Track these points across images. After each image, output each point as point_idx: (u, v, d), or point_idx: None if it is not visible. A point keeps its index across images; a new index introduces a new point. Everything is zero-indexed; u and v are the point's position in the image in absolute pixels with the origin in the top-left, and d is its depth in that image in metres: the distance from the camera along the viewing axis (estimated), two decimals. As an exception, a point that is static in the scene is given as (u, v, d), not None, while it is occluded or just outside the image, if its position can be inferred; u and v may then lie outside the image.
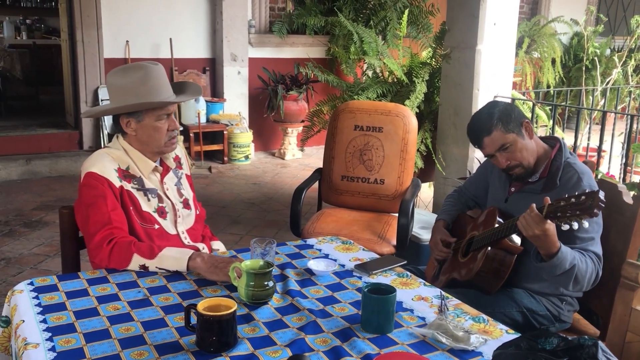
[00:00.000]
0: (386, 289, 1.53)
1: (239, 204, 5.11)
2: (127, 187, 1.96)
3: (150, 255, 1.81)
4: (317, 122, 4.67)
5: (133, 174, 2.00)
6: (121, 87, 1.97)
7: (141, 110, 1.96)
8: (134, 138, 2.01)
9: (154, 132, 1.98)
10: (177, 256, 1.81)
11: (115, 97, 2.00)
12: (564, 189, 1.96)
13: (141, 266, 1.81)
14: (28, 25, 9.59)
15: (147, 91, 1.95)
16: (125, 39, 6.16)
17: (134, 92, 1.94)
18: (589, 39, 6.81)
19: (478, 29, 3.70)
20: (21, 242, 4.14)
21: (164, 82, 2.01)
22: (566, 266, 1.86)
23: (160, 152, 2.05)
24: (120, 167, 1.97)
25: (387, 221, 3.12)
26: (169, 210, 2.05)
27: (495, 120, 2.04)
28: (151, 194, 2.01)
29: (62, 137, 6.25)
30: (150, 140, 2.00)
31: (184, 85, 2.18)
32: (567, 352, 1.10)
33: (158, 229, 2.00)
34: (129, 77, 1.97)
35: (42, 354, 1.35)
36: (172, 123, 2.02)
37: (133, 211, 1.96)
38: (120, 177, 1.95)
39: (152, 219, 1.99)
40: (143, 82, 1.95)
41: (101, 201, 1.88)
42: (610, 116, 4.76)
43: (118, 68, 2.04)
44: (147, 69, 1.98)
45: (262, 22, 6.98)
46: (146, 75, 1.97)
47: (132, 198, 1.96)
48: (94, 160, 1.97)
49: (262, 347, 1.40)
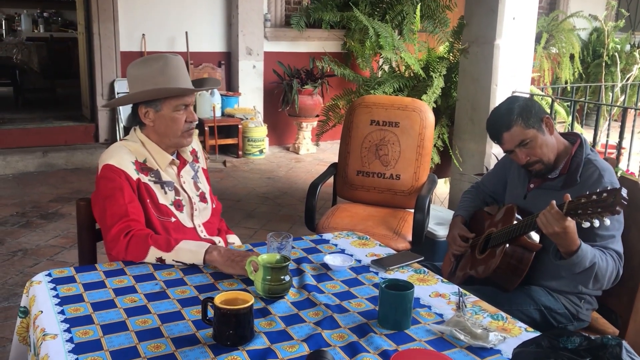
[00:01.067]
0: (404, 285, 1.52)
1: (254, 198, 5.12)
2: (144, 180, 1.96)
3: (167, 248, 1.81)
4: (333, 117, 4.65)
5: (150, 166, 2.00)
6: (140, 76, 1.97)
7: (159, 99, 1.96)
8: (151, 129, 2.00)
9: (171, 122, 1.98)
10: (193, 249, 1.81)
11: (134, 87, 2.00)
12: (584, 186, 1.93)
13: (158, 259, 1.81)
14: (45, 18, 9.67)
15: (166, 80, 1.95)
16: (142, 32, 6.18)
17: (152, 81, 1.95)
18: (609, 34, 6.72)
19: (497, 24, 3.66)
20: (37, 233, 4.18)
21: (182, 72, 2.00)
22: (586, 264, 1.83)
23: (177, 145, 2.04)
24: (137, 160, 1.97)
25: (403, 217, 3.10)
26: (185, 204, 2.05)
27: (515, 116, 2.01)
28: (168, 187, 2.01)
29: (78, 129, 6.29)
30: (167, 131, 1.99)
31: (203, 81, 2.19)
32: (589, 351, 1.08)
33: (175, 222, 2.00)
34: (149, 67, 1.97)
35: (60, 344, 1.35)
36: (190, 115, 2.01)
37: (150, 204, 1.96)
38: (138, 170, 1.95)
39: (168, 211, 1.99)
40: (162, 71, 1.96)
41: (118, 193, 1.88)
42: (631, 113, 4.69)
43: (139, 59, 2.04)
44: (167, 59, 1.99)
45: (278, 16, 6.96)
46: (166, 65, 1.97)
47: (149, 191, 1.96)
48: (111, 152, 1.97)
49: (279, 342, 1.40)
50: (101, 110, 6.18)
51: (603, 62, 6.28)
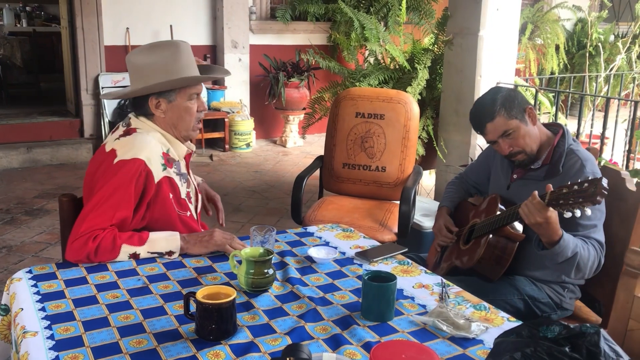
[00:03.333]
0: (387, 277, 1.52)
1: (241, 192, 5.10)
2: (169, 174, 1.86)
3: (139, 242, 1.77)
4: (319, 110, 4.64)
5: (173, 157, 1.90)
6: (149, 65, 1.84)
7: (174, 89, 1.85)
8: (161, 120, 1.89)
9: (185, 113, 1.88)
10: (166, 237, 1.80)
11: (142, 77, 1.85)
12: (566, 176, 1.94)
13: (131, 255, 1.76)
14: (28, 13, 9.56)
15: (181, 68, 1.84)
16: (126, 26, 6.12)
17: (165, 69, 1.83)
18: (593, 24, 6.75)
19: (481, 15, 3.66)
20: (22, 230, 4.14)
21: (193, 59, 1.91)
22: (568, 254, 1.84)
23: (187, 137, 1.95)
24: (164, 151, 1.86)
25: (389, 209, 3.10)
26: (192, 195, 2.02)
27: (498, 106, 2.01)
28: (183, 179, 1.95)
29: (63, 125, 6.23)
30: (179, 122, 1.89)
31: (208, 67, 2.11)
32: (569, 340, 1.09)
33: (190, 215, 1.96)
34: (158, 55, 1.85)
35: (41, 342, 1.34)
36: (201, 104, 1.92)
37: (173, 199, 1.87)
38: (165, 163, 1.85)
39: (186, 205, 1.95)
40: (175, 59, 1.84)
41: (118, 193, 1.74)
42: (614, 103, 4.72)
43: (141, 47, 1.90)
44: (178, 45, 1.87)
45: (263, 8, 6.93)
46: (178, 52, 1.85)
47: (173, 185, 1.88)
48: (140, 144, 1.80)
49: (262, 335, 1.40)
50: (86, 105, 6.12)
51: (587, 53, 6.31)
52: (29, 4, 9.68)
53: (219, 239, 1.84)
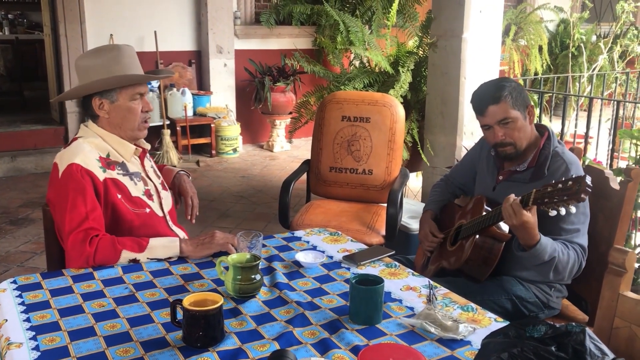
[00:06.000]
0: (374, 280, 1.52)
1: (228, 197, 5.09)
2: (112, 176, 1.90)
3: (139, 249, 1.80)
4: (305, 114, 4.64)
5: (115, 160, 1.94)
6: (93, 67, 1.91)
7: (114, 89, 1.91)
8: (106, 122, 1.95)
9: (128, 113, 1.93)
10: (166, 244, 1.83)
11: (87, 78, 1.93)
12: (551, 179, 1.94)
13: (131, 260, 1.80)
14: (10, 20, 9.47)
15: (121, 69, 1.91)
16: (110, 32, 6.08)
17: (107, 70, 1.89)
18: (575, 25, 6.82)
19: (464, 17, 3.68)
20: (7, 239, 4.09)
21: (136, 61, 1.97)
22: (545, 258, 1.87)
23: (133, 138, 1.99)
24: (101, 156, 1.91)
25: (376, 211, 3.11)
26: (153, 193, 2.03)
27: (506, 92, 2.02)
28: (136, 178, 1.98)
29: (47, 133, 6.17)
30: (123, 122, 1.94)
31: (157, 71, 2.17)
32: (554, 339, 1.10)
33: (149, 212, 1.98)
34: (102, 57, 1.92)
35: (26, 353, 1.32)
36: (145, 104, 1.98)
37: (123, 199, 1.90)
38: (104, 167, 1.90)
39: (142, 202, 1.96)
40: (117, 61, 1.91)
41: (79, 198, 1.81)
42: (597, 102, 4.77)
43: (88, 51, 2.01)
44: (120, 48, 1.95)
45: (248, 13, 6.92)
46: (120, 55, 1.92)
47: (119, 185, 1.91)
48: (74, 151, 1.89)
49: (250, 341, 1.39)
50: (70, 113, 6.07)
51: (570, 53, 6.36)
52: (11, 12, 9.59)
53: (220, 239, 1.87)
